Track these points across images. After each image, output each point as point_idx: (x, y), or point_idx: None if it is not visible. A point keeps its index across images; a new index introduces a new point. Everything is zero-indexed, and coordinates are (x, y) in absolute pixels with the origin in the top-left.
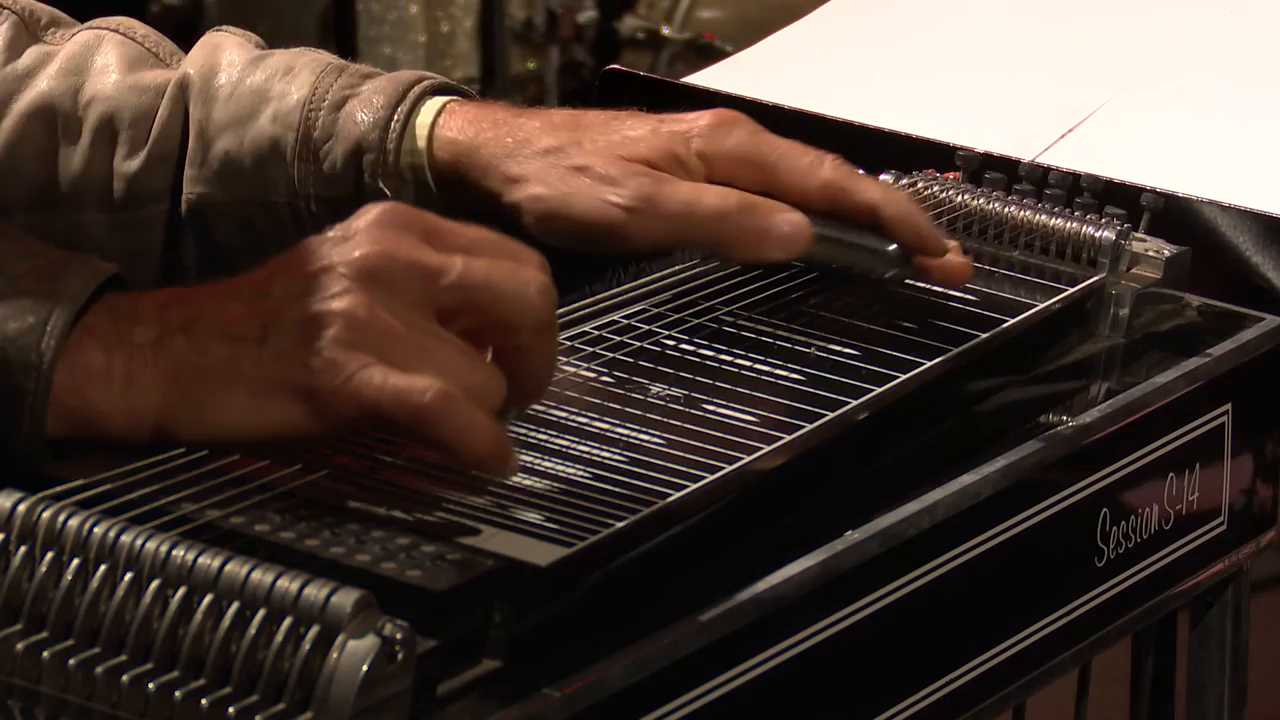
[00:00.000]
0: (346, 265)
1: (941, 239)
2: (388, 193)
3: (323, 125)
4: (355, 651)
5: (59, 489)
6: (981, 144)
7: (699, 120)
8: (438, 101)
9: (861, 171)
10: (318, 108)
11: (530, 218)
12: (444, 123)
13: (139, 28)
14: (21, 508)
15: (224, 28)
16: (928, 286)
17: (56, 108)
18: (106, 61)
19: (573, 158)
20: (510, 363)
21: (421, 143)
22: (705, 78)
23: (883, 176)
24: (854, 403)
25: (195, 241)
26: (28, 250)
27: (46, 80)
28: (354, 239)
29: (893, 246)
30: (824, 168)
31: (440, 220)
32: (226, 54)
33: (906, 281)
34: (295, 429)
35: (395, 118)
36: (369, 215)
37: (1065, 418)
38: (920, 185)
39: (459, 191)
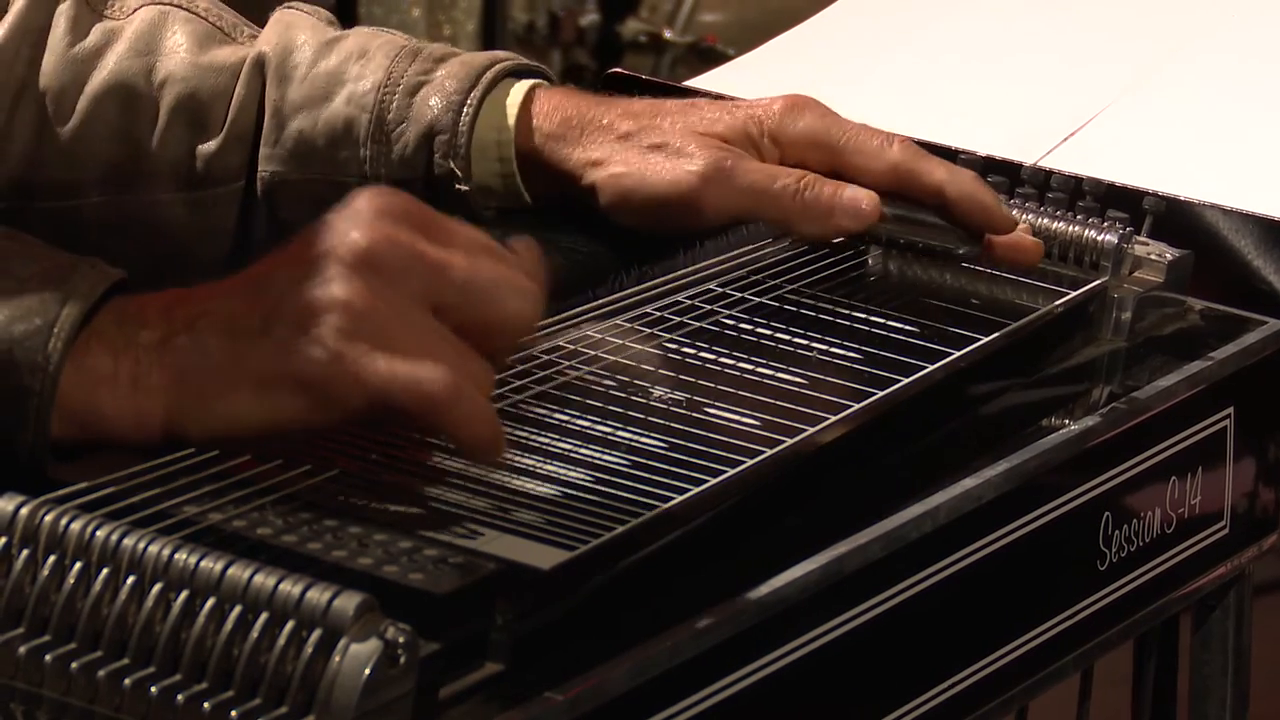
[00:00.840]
0: (345, 253)
1: (1010, 217)
2: (458, 174)
3: (396, 109)
4: (358, 655)
5: (61, 492)
6: (984, 147)
7: (772, 104)
8: (524, 85)
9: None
10: (392, 91)
11: (608, 196)
12: (533, 108)
13: (200, 1)
14: (24, 511)
15: (295, 5)
16: (991, 271)
17: (130, 87)
18: (177, 40)
19: (651, 137)
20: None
21: (511, 122)
22: (707, 81)
23: None
24: (856, 406)
25: (268, 220)
26: (35, 253)
27: (116, 59)
28: (352, 227)
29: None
30: (893, 149)
31: (437, 214)
32: (301, 34)
33: (974, 265)
34: (301, 420)
35: (468, 102)
36: (366, 202)
37: (1067, 421)
38: None
39: (538, 174)
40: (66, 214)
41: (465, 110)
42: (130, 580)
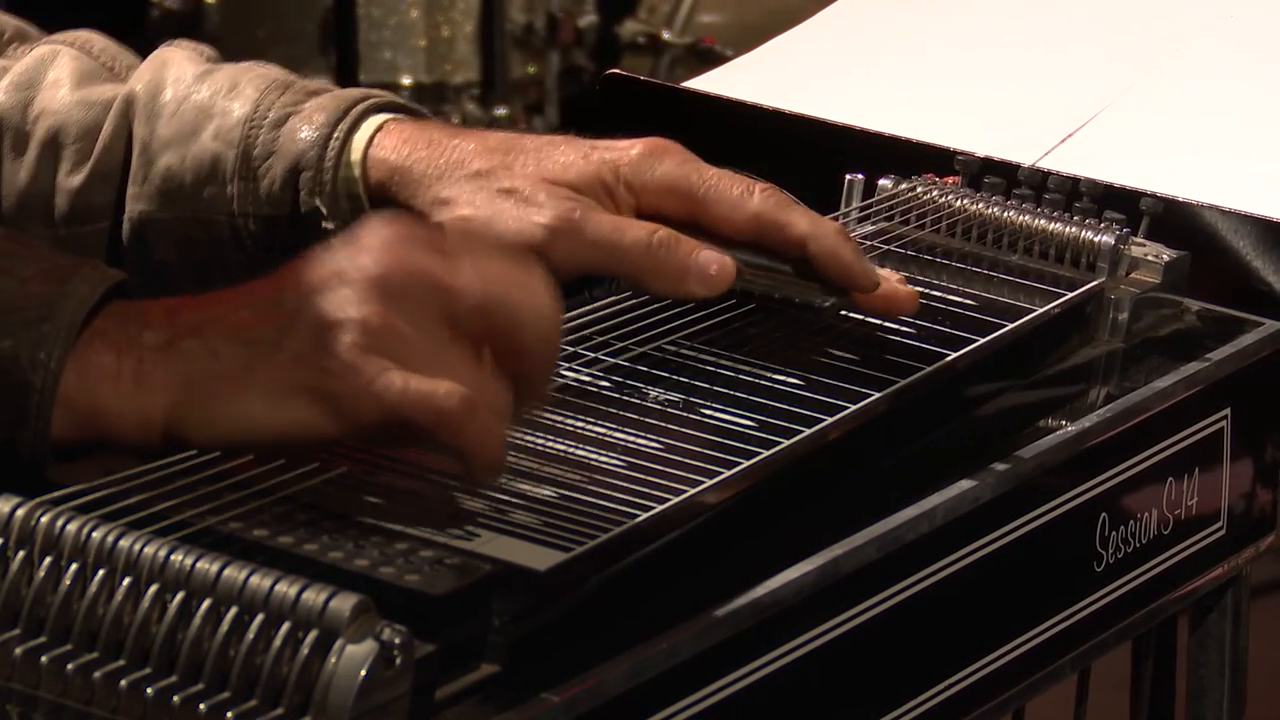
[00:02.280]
0: (361, 275)
1: (871, 274)
2: (324, 211)
3: (263, 143)
4: (354, 656)
5: (58, 494)
6: (981, 148)
7: (630, 149)
8: (376, 120)
9: (793, 200)
10: (259, 125)
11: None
12: (379, 141)
13: (98, 41)
14: (20, 512)
15: (177, 42)
16: (864, 318)
17: (6, 122)
18: (59, 76)
19: (501, 181)
20: (510, 380)
21: (356, 160)
22: (706, 82)
23: (882, 181)
24: (853, 407)
25: (136, 260)
26: (36, 254)
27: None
28: (368, 250)
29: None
30: (754, 199)
31: (450, 237)
32: (174, 69)
33: (843, 313)
34: (310, 432)
35: (335, 136)
36: (382, 227)
37: (1064, 422)
38: (919, 190)
39: (392, 207)
40: None
41: (331, 145)
42: (127, 581)
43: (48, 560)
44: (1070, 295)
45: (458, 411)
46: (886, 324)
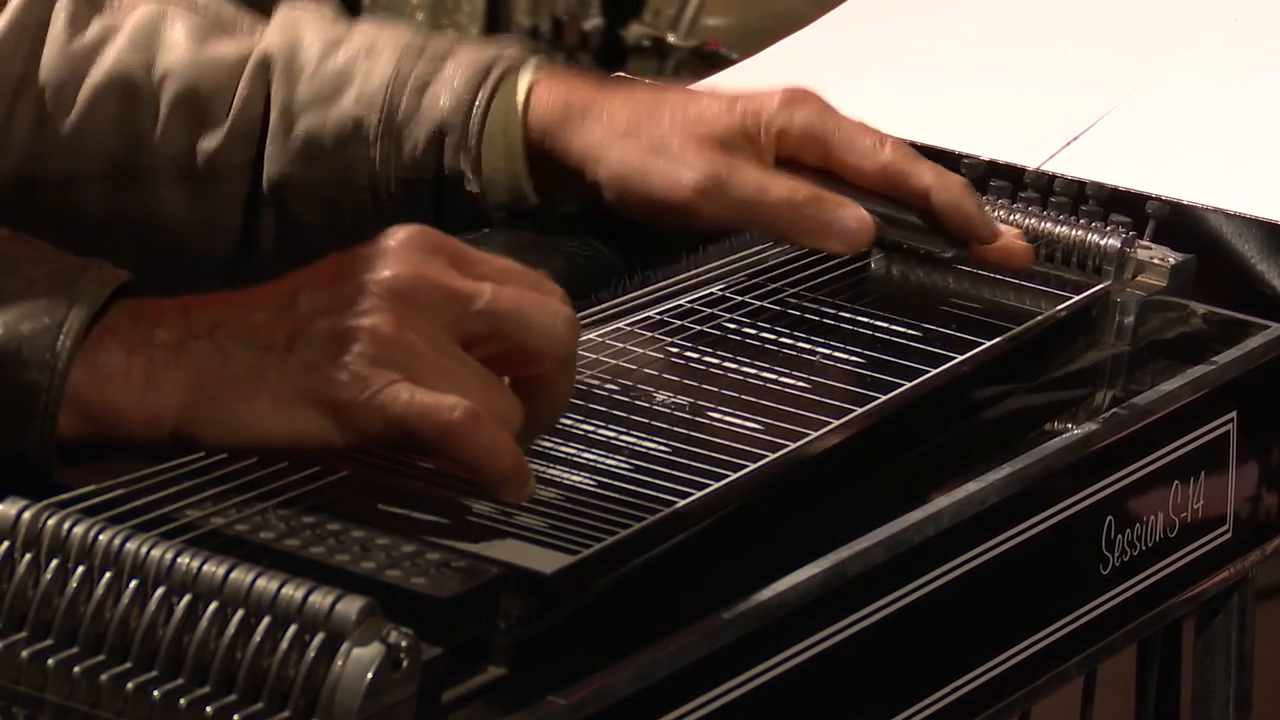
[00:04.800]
0: (375, 284)
1: (992, 226)
2: (469, 175)
3: (405, 107)
4: (360, 659)
5: (63, 496)
6: (986, 151)
7: (772, 98)
8: (526, 78)
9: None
10: (400, 89)
11: (611, 194)
12: (536, 99)
13: None
14: (27, 515)
15: (299, 3)
16: (994, 275)
17: (130, 81)
18: (175, 36)
19: (650, 137)
20: (527, 392)
21: (515, 120)
22: (710, 85)
23: None
24: (858, 410)
25: (276, 219)
26: (43, 255)
27: (116, 54)
28: (383, 258)
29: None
30: (885, 150)
31: (467, 248)
32: (307, 32)
33: (963, 266)
34: (316, 440)
35: (477, 101)
36: (398, 236)
37: (1070, 425)
38: None
39: (542, 168)
40: (67, 208)
41: (475, 109)
42: (133, 584)
43: (55, 563)
44: (1076, 298)
45: (461, 424)
46: (892, 326)
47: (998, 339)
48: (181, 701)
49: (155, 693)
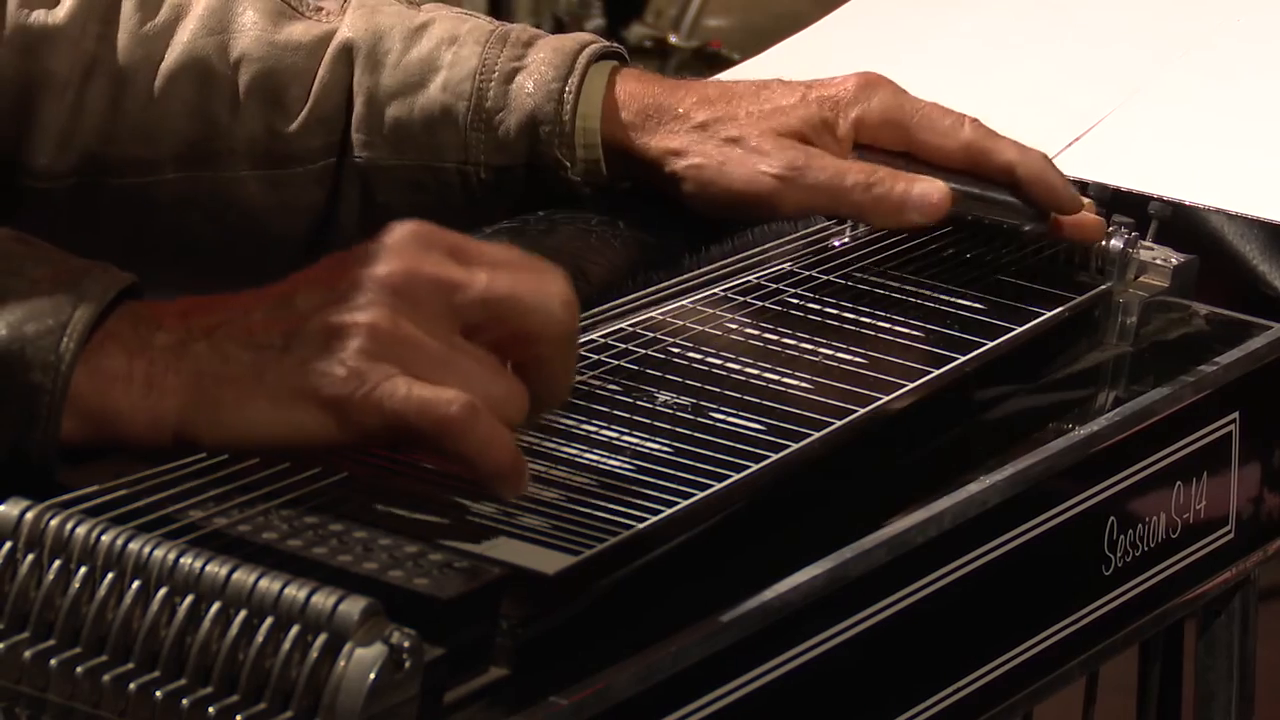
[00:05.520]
0: (371, 280)
1: (1076, 198)
2: (565, 162)
3: (495, 96)
4: (362, 659)
5: (66, 497)
6: None
7: (844, 84)
8: (604, 72)
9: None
10: (488, 79)
11: (690, 186)
12: (616, 95)
13: None
14: (30, 515)
15: None
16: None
17: (205, 64)
18: (249, 18)
19: (727, 130)
20: (530, 373)
21: (595, 112)
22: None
23: None
24: (860, 411)
25: (361, 202)
26: (47, 256)
27: (189, 36)
28: (379, 255)
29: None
30: (964, 129)
31: (465, 238)
32: (387, 19)
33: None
34: (316, 438)
35: (567, 90)
36: (395, 233)
37: (1072, 426)
38: None
39: (618, 160)
40: (142, 190)
41: (566, 97)
42: (135, 584)
43: (57, 563)
44: (1078, 299)
45: (460, 418)
46: (894, 327)
47: (1000, 339)
48: (184, 702)
49: (158, 693)
